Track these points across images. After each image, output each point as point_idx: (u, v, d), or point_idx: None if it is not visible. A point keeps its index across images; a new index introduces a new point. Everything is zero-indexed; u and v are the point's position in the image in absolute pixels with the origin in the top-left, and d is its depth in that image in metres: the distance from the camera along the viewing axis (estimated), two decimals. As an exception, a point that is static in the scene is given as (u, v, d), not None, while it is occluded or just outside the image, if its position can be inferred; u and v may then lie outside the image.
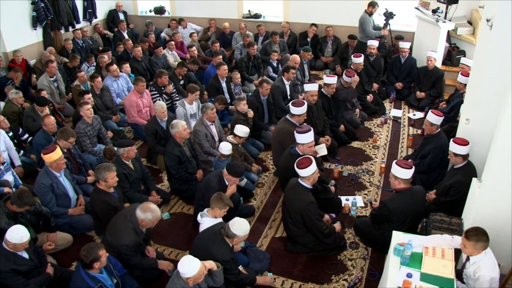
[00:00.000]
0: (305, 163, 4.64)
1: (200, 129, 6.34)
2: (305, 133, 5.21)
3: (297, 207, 4.68)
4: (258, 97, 7.26)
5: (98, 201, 4.70)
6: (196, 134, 6.37)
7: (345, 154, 7.04)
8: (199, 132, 6.33)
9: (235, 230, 4.05)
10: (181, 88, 8.45)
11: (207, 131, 6.40)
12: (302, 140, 5.24)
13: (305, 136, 5.22)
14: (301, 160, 4.69)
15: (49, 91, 8.07)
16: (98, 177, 4.77)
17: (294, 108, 6.00)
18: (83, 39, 10.58)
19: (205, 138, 6.38)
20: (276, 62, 9.64)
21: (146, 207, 4.27)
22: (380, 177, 6.43)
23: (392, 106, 8.73)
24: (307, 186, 4.72)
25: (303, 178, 4.69)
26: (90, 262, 3.76)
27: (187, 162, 5.86)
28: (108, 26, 11.91)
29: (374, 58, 8.83)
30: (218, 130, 6.70)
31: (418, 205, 4.58)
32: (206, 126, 6.41)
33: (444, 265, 3.60)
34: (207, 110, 6.33)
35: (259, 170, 6.48)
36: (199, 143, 6.37)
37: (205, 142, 6.38)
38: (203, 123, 6.41)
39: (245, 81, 9.32)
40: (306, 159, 4.70)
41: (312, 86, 6.70)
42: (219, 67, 8.00)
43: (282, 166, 5.46)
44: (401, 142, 7.42)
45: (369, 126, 7.96)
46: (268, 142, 7.09)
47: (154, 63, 9.47)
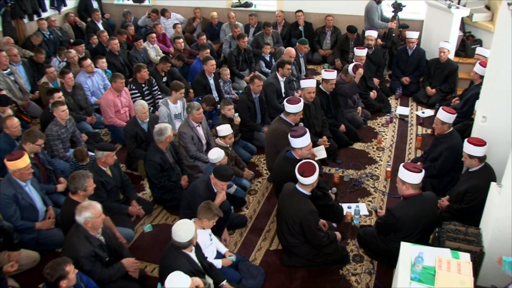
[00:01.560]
0: (310, 171, 4.62)
1: (186, 131, 6.32)
2: (301, 137, 5.19)
3: (296, 216, 4.66)
4: (249, 94, 7.24)
5: (70, 213, 4.60)
6: (181, 137, 6.34)
7: (347, 157, 7.03)
8: (184, 135, 6.30)
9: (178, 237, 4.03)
10: (164, 86, 8.42)
11: (193, 133, 6.38)
12: (298, 144, 5.23)
13: (301, 140, 5.21)
14: (304, 167, 4.65)
15: (5, 86, 7.89)
16: (75, 187, 4.69)
17: (289, 105, 5.99)
18: (51, 30, 10.41)
19: (191, 141, 6.36)
20: (269, 56, 9.62)
21: (79, 207, 4.25)
22: (385, 182, 6.43)
23: (398, 103, 8.74)
24: (306, 193, 4.69)
25: (304, 185, 4.66)
26: (56, 281, 3.65)
27: (170, 170, 5.84)
28: (80, 16, 11.76)
29: (373, 51, 8.83)
30: (205, 132, 6.67)
31: (429, 213, 4.57)
32: (192, 128, 6.39)
33: (462, 281, 3.54)
34: (193, 110, 6.32)
35: (251, 176, 6.45)
36: (185, 147, 6.34)
37: (192, 146, 6.35)
38: (189, 124, 6.38)
39: (235, 78, 9.31)
40: (309, 166, 4.66)
41: (309, 82, 6.68)
42: (206, 62, 7.96)
43: (277, 171, 5.45)
44: (409, 143, 7.42)
45: (373, 126, 7.96)
46: (261, 144, 7.07)
47: (134, 58, 9.42)
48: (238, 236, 5.48)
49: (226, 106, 6.72)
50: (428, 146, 6.41)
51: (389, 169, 6.53)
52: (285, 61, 7.78)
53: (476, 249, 4.23)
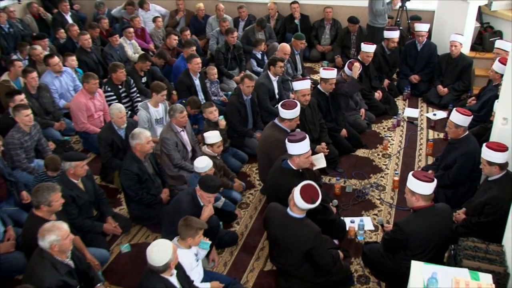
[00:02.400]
0: (317, 195, 4.52)
1: (169, 136, 6.31)
2: (299, 142, 5.16)
3: (300, 244, 4.58)
4: (240, 96, 7.23)
5: (34, 232, 4.51)
6: (163, 143, 6.33)
7: (349, 165, 7.04)
8: (167, 141, 6.29)
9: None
10: (144, 87, 8.40)
11: (177, 139, 6.38)
12: (296, 151, 5.18)
13: (299, 146, 5.17)
14: (311, 193, 4.54)
15: None
16: (38, 201, 4.63)
17: (284, 111, 5.97)
18: (10, 22, 10.24)
19: (175, 147, 6.35)
20: (261, 53, 9.63)
21: (41, 231, 4.14)
22: (393, 192, 6.43)
23: (407, 105, 8.77)
24: (300, 217, 4.60)
25: (300, 210, 4.57)
26: None
27: (149, 181, 5.80)
28: (44, 6, 11.58)
29: (392, 52, 8.87)
30: (190, 137, 6.65)
31: (443, 228, 4.54)
32: (176, 133, 6.38)
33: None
34: (175, 114, 6.32)
35: (242, 187, 6.42)
36: (168, 154, 6.33)
37: (175, 153, 6.34)
38: (172, 129, 6.38)
39: (223, 78, 9.31)
40: (315, 190, 4.55)
41: (303, 84, 6.66)
42: (190, 61, 7.95)
43: (271, 183, 5.42)
44: (419, 149, 7.44)
45: (378, 130, 7.97)
46: (253, 152, 7.05)
47: (108, 55, 9.38)
48: (228, 256, 5.45)
49: (207, 108, 6.70)
50: (440, 152, 6.41)
51: (397, 178, 6.53)
52: (277, 59, 7.79)
53: (499, 269, 4.21)
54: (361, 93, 8.11)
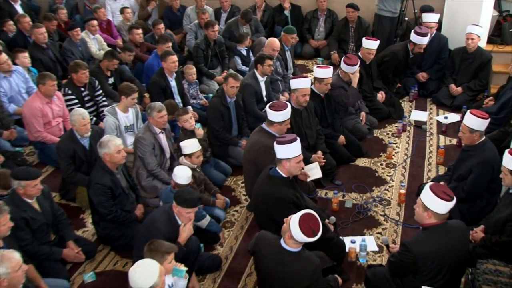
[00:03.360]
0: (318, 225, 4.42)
1: (146, 137, 6.36)
2: (289, 144, 5.15)
3: (296, 281, 4.50)
4: (223, 98, 7.23)
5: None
6: (138, 144, 6.37)
7: (348, 176, 7.07)
8: (143, 141, 6.34)
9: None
10: (111, 89, 8.38)
11: (155, 141, 6.40)
12: (286, 154, 5.17)
13: (289, 149, 5.15)
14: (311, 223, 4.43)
15: None
16: None
17: (273, 112, 5.97)
18: None
19: (152, 151, 6.38)
20: (246, 49, 9.65)
21: None
22: (399, 208, 6.46)
23: (413, 107, 8.84)
24: (295, 250, 4.53)
25: (296, 243, 4.49)
26: None
27: (123, 196, 5.80)
28: None
29: (415, 56, 8.87)
30: (169, 140, 6.71)
31: (457, 249, 4.53)
32: (154, 134, 6.43)
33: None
34: (153, 112, 6.39)
35: (226, 204, 6.43)
36: (142, 158, 6.34)
37: (151, 158, 6.36)
38: (150, 129, 6.45)
39: (203, 78, 9.33)
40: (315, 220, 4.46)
41: (303, 82, 6.67)
42: (165, 58, 7.93)
43: (259, 195, 5.39)
44: (428, 157, 7.48)
45: (381, 136, 8.02)
46: (238, 162, 7.08)
47: (68, 52, 9.30)
48: (211, 283, 5.44)
49: (182, 116, 6.67)
50: (453, 161, 6.43)
51: (403, 191, 6.54)
52: (266, 56, 7.79)
53: (525, 297, 4.20)
54: (362, 95, 8.14)
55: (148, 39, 10.30)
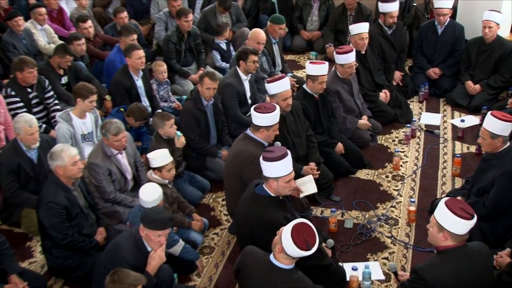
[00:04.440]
0: (313, 237, 4.47)
1: (99, 162, 6.24)
2: (278, 161, 5.13)
3: None
4: (198, 101, 7.24)
5: None
6: (91, 171, 6.27)
7: (348, 191, 7.09)
8: (96, 169, 6.23)
9: None
10: (64, 91, 8.32)
11: (111, 166, 6.31)
12: (273, 172, 5.15)
13: (278, 166, 5.14)
14: (304, 234, 4.46)
15: None
16: None
17: (259, 115, 5.96)
18: None
19: (108, 177, 6.28)
20: (226, 42, 9.67)
21: None
22: (408, 228, 6.46)
23: (424, 108, 8.87)
24: (288, 267, 4.54)
25: (289, 258, 4.53)
26: None
27: (81, 217, 5.73)
28: None
29: (394, 30, 8.97)
30: (132, 159, 6.64)
31: (479, 276, 4.51)
32: (109, 157, 6.32)
33: None
34: (107, 134, 6.21)
35: (204, 226, 6.41)
36: (97, 186, 6.27)
37: (108, 184, 6.27)
38: (104, 151, 6.31)
39: (175, 77, 9.34)
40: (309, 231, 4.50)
41: (280, 85, 6.66)
42: (130, 54, 7.92)
43: (242, 215, 5.40)
44: (442, 167, 7.51)
45: (386, 143, 8.06)
46: (217, 176, 7.10)
47: (10, 46, 9.16)
48: (186, 321, 5.43)
49: (165, 122, 6.63)
50: (472, 172, 6.44)
51: (413, 208, 6.54)
52: (249, 50, 7.78)
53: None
54: (362, 93, 8.20)
55: (109, 30, 10.29)
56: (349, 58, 7.61)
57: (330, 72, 7.52)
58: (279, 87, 6.64)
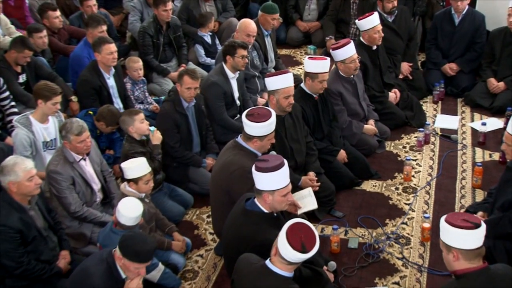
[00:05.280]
0: (311, 240, 4.48)
1: (60, 169, 6.23)
2: (273, 172, 5.13)
3: None
4: (177, 103, 7.26)
5: None
6: (51, 180, 6.26)
7: (352, 206, 7.11)
8: (57, 176, 6.21)
9: None
10: (22, 91, 8.32)
11: (74, 173, 6.30)
12: (268, 185, 5.14)
13: (273, 178, 5.14)
14: (300, 232, 4.50)
15: None
16: None
17: (252, 124, 5.93)
18: None
19: (71, 187, 6.27)
20: (211, 35, 9.70)
21: None
22: (422, 248, 6.47)
23: (439, 110, 8.93)
24: (285, 274, 4.57)
25: (287, 264, 4.55)
26: None
27: (39, 241, 5.70)
28: None
29: (396, 16, 9.01)
30: (97, 167, 6.64)
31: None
32: (71, 164, 6.31)
33: None
34: (69, 135, 6.20)
35: (186, 247, 6.43)
36: (59, 197, 6.25)
37: (72, 196, 6.25)
38: (66, 157, 6.31)
39: (153, 75, 9.39)
40: (306, 229, 4.53)
41: (284, 80, 6.68)
42: (99, 48, 7.93)
43: (231, 237, 5.40)
44: (460, 178, 7.54)
45: (396, 151, 8.10)
46: (202, 189, 7.15)
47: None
48: None
49: (134, 117, 6.66)
50: (495, 183, 6.45)
51: (428, 225, 6.53)
52: (238, 44, 7.78)
53: None
54: (369, 95, 8.26)
55: (75, 21, 10.28)
56: (349, 51, 7.64)
57: (330, 70, 7.53)
58: (282, 82, 6.64)
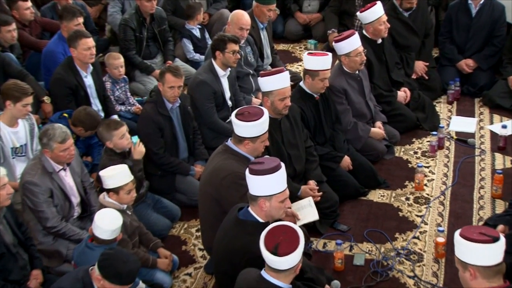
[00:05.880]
0: (289, 242, 4.49)
1: (38, 180, 6.21)
2: (269, 175, 5.14)
3: None
4: (159, 104, 7.28)
5: None
6: (26, 192, 6.22)
7: (357, 218, 7.15)
8: (34, 188, 6.18)
9: None
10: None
11: (52, 185, 6.30)
12: (264, 189, 5.15)
13: (269, 182, 5.15)
14: (276, 235, 4.55)
15: None
16: None
17: (242, 124, 5.95)
18: None
19: (49, 200, 6.26)
20: (200, 28, 9.74)
21: None
22: (436, 265, 6.47)
23: (454, 111, 8.97)
24: (281, 285, 4.60)
25: (278, 272, 4.56)
26: None
27: (8, 259, 5.68)
28: None
29: (413, 11, 9.04)
30: (78, 177, 6.63)
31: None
32: (50, 174, 6.31)
33: None
34: (51, 143, 6.18)
35: (173, 264, 6.42)
36: (35, 211, 6.22)
37: (49, 209, 6.23)
38: (44, 167, 6.30)
39: (135, 72, 9.41)
40: (287, 231, 4.57)
41: (279, 79, 6.69)
42: (75, 43, 7.91)
43: (223, 251, 5.38)
44: (479, 187, 7.56)
45: (406, 157, 8.14)
46: (191, 201, 7.17)
47: None
48: None
49: (112, 132, 6.62)
50: (517, 193, 6.50)
51: (442, 239, 6.53)
52: (228, 38, 7.81)
53: None
54: (375, 94, 8.28)
55: (47, 12, 10.29)
56: (354, 42, 7.66)
57: (333, 66, 7.56)
58: (277, 82, 6.64)
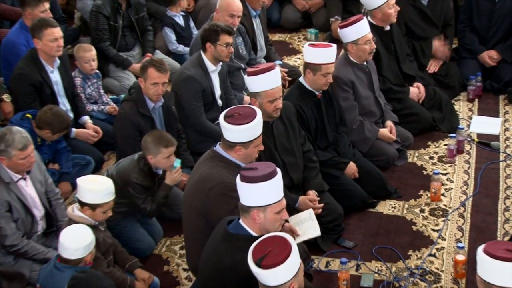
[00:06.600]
0: (276, 255, 4.48)
1: None
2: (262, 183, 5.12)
3: None
4: (140, 103, 7.32)
5: None
6: None
7: (366, 233, 7.17)
8: None
9: None
10: None
11: (11, 197, 6.32)
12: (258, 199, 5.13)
13: (264, 191, 5.13)
14: (265, 245, 4.56)
15: None
16: None
17: (231, 127, 5.92)
18: None
19: (7, 214, 6.27)
20: (184, 15, 9.79)
21: None
22: (456, 286, 6.49)
23: (476, 110, 9.01)
24: None
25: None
26: None
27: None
28: None
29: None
30: (41, 187, 6.63)
31: None
32: (8, 185, 6.33)
33: None
34: (10, 150, 6.19)
35: (153, 286, 6.42)
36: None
37: (8, 224, 6.26)
38: (2, 178, 6.32)
39: (109, 66, 9.46)
40: (276, 241, 4.58)
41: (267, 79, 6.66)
42: (40, 33, 7.92)
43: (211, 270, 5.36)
44: (504, 197, 7.57)
45: (421, 162, 8.17)
46: (175, 214, 7.15)
47: None
48: None
49: (162, 149, 6.57)
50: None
51: (462, 257, 6.53)
52: (221, 28, 7.81)
53: None
54: (384, 88, 8.29)
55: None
56: (362, 28, 7.68)
57: (338, 57, 7.58)
58: (264, 82, 6.61)
